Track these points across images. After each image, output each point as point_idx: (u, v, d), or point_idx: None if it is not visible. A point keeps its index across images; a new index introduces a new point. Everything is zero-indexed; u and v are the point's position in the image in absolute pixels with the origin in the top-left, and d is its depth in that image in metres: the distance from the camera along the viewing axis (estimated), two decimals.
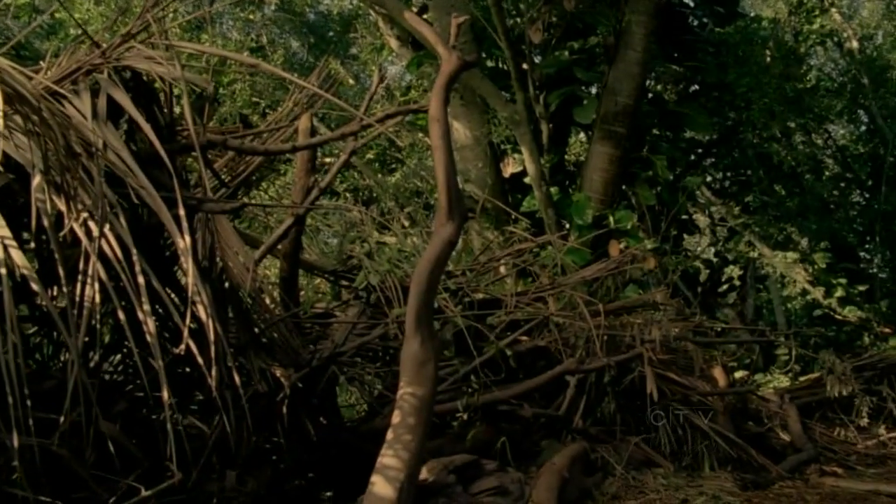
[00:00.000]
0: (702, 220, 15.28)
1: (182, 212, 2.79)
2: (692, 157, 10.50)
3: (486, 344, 4.43)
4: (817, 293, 13.46)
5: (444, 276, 4.96)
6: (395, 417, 2.60)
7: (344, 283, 4.96)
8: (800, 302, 15.86)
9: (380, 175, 9.30)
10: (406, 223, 9.01)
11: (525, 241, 5.46)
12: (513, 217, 8.50)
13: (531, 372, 5.27)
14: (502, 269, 8.18)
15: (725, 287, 14.64)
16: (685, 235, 13.97)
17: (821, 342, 14.54)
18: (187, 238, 2.73)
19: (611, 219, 7.80)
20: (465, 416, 4.85)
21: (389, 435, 2.55)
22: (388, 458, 2.45)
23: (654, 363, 5.14)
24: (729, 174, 14.08)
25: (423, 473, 3.10)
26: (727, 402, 6.41)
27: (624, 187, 9.39)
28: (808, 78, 14.14)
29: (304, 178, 4.72)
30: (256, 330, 3.87)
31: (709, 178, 14.67)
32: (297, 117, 4.83)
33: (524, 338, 5.40)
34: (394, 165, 9.54)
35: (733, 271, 14.75)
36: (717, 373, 6.91)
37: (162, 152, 3.07)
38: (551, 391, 5.39)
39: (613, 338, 5.35)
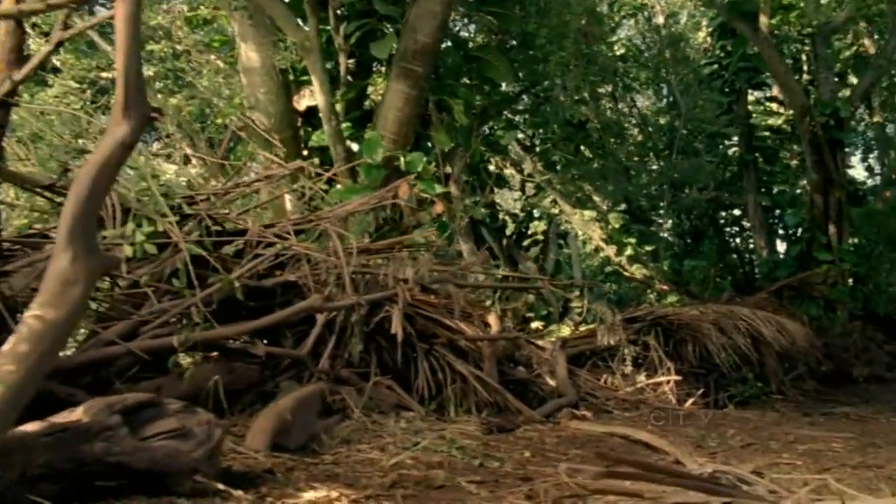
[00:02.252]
0: (516, 175, 15.62)
1: None
2: (497, 108, 10.47)
3: (216, 276, 3.98)
4: (610, 251, 14.25)
5: (184, 201, 4.43)
6: (7, 343, 2.12)
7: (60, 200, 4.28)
8: (596, 259, 16.78)
9: (160, 95, 8.41)
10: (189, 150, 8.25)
11: (277, 167, 5.04)
12: (303, 150, 8.03)
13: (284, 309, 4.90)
14: (288, 205, 7.70)
15: (530, 241, 15.13)
16: (496, 189, 14.22)
17: (612, 297, 15.53)
18: None
19: (402, 160, 7.54)
20: (196, 355, 4.41)
21: None
22: None
23: (408, 303, 4.95)
24: (540, 132, 14.41)
25: (79, 415, 2.64)
26: (495, 348, 6.43)
27: (430, 132, 9.16)
28: (616, 47, 14.71)
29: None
30: None
31: (521, 135, 14.95)
32: None
33: (280, 273, 5.02)
34: (178, 87, 8.64)
35: (538, 227, 15.26)
36: (492, 319, 6.94)
37: None
38: (306, 331, 5.07)
39: (375, 277, 5.10)
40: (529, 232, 15.33)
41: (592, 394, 7.50)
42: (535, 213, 15.19)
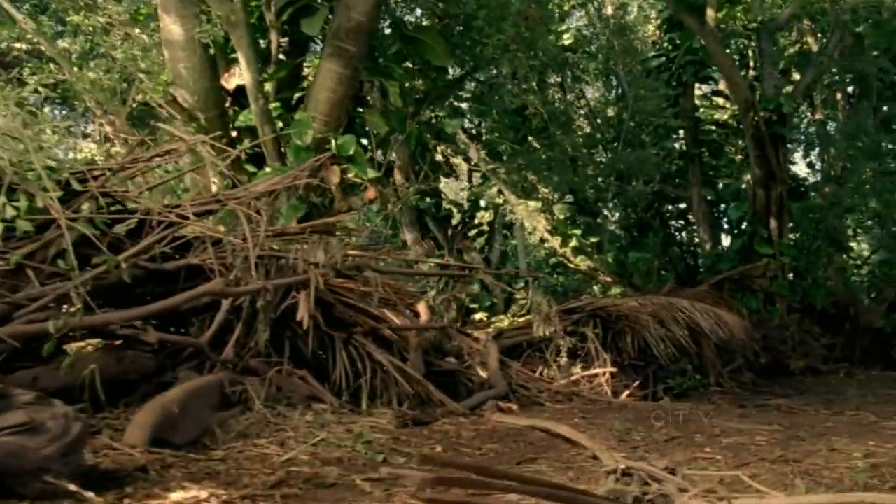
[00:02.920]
0: (462, 164, 15.41)
1: None
2: (439, 93, 10.22)
3: (99, 257, 3.66)
4: (555, 242, 14.15)
5: (73, 177, 4.08)
6: None
7: None
8: (542, 250, 16.70)
9: (77, 69, 7.94)
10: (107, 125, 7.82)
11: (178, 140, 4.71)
12: (230, 130, 7.70)
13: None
14: (213, 187, 7.33)
15: (475, 231, 14.94)
16: (441, 177, 13.98)
17: (559, 289, 15.46)
18: None
19: (333, 143, 7.25)
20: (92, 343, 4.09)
21: None
22: None
23: (328, 290, 4.70)
24: (488, 120, 14.21)
25: None
26: (423, 339, 6.22)
27: (366, 114, 8.84)
28: (565, 37, 14.57)
29: None
30: None
31: (468, 123, 14.74)
32: None
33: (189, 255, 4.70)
34: (96, 61, 8.15)
35: (484, 217, 15.09)
36: (421, 308, 6.73)
37: None
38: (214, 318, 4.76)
39: (288, 261, 4.83)
40: (475, 222, 15.16)
41: (524, 385, 7.34)
42: (482, 202, 15.01)
